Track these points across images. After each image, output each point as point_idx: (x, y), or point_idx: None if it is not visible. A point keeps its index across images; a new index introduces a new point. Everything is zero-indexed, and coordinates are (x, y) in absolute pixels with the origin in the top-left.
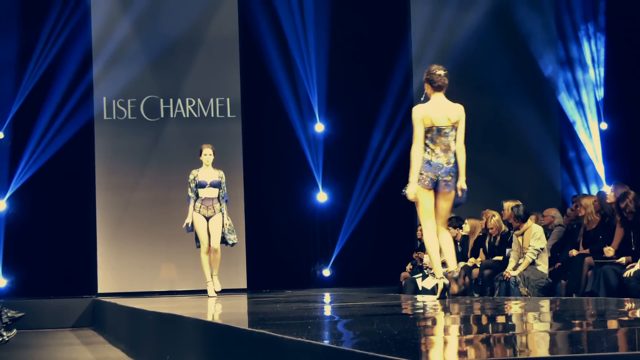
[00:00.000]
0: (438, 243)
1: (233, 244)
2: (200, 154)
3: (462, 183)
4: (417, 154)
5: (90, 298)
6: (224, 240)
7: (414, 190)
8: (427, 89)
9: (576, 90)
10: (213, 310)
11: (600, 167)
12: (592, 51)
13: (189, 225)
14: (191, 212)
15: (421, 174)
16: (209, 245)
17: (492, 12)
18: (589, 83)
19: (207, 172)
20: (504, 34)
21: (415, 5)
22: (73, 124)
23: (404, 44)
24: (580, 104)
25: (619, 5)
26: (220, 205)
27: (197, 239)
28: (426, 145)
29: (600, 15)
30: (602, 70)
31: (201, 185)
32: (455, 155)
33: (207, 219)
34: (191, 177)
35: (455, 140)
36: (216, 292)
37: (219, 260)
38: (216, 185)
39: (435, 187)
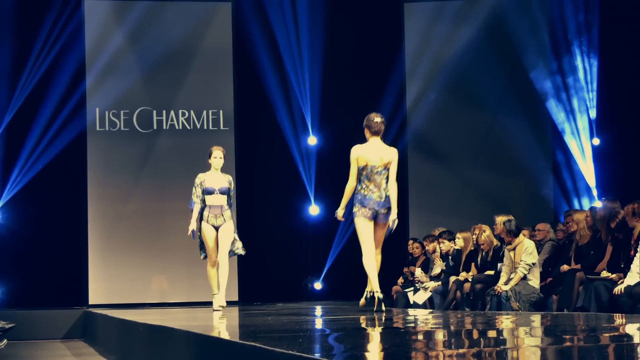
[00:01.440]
0: (375, 263)
1: (240, 254)
2: (210, 157)
3: (393, 215)
4: (349, 187)
5: (81, 309)
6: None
7: (341, 213)
8: (366, 133)
9: (569, 105)
10: (204, 322)
11: (592, 183)
12: (585, 67)
13: (195, 231)
14: (195, 218)
15: (364, 207)
16: (217, 258)
17: (486, 26)
18: (582, 99)
19: (215, 177)
20: (497, 48)
21: (409, 19)
22: (66, 135)
23: (398, 57)
24: (573, 120)
25: (611, 22)
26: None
27: (201, 248)
28: (362, 181)
29: (594, 31)
30: (595, 85)
31: (208, 191)
32: (387, 191)
33: (216, 228)
34: (197, 181)
35: (387, 178)
36: (221, 307)
37: (227, 272)
38: (225, 192)
39: (374, 218)
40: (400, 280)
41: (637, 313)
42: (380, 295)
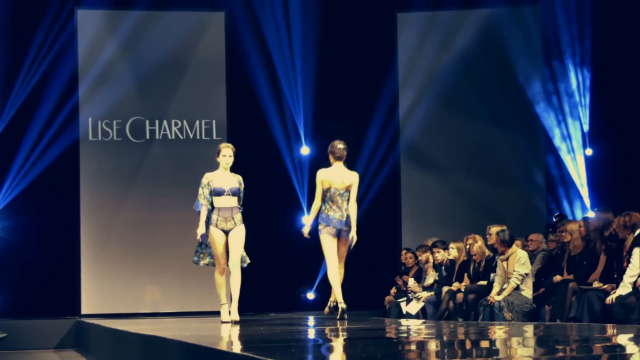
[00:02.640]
0: (338, 276)
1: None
2: (218, 155)
3: (352, 233)
4: (315, 207)
5: (74, 319)
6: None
7: (307, 230)
8: (331, 158)
9: (562, 116)
10: (197, 332)
11: (585, 193)
12: (578, 78)
13: (205, 236)
14: (203, 221)
15: (328, 225)
16: (226, 265)
17: (479, 37)
18: (575, 109)
19: (224, 176)
20: (490, 58)
21: (401, 29)
22: (58, 145)
23: (391, 68)
24: (566, 130)
25: (604, 34)
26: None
27: (197, 251)
28: (326, 202)
29: (586, 42)
30: (587, 96)
31: (217, 192)
32: (348, 211)
33: (226, 232)
34: (204, 181)
35: (348, 200)
36: (233, 321)
37: (239, 282)
38: (236, 192)
39: (338, 235)
40: (393, 290)
41: (629, 323)
42: (344, 306)
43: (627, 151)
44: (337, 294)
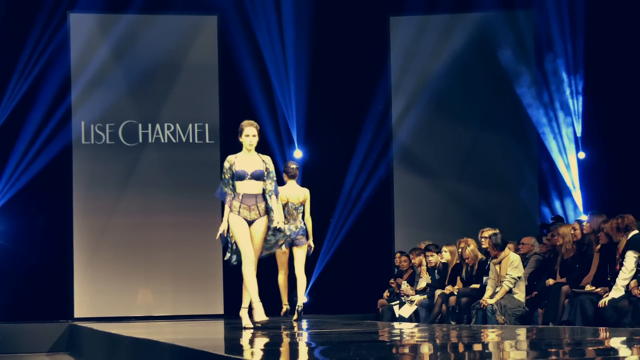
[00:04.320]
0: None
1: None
2: (240, 135)
3: (310, 242)
4: None
5: (67, 323)
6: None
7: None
8: (285, 177)
9: (555, 119)
10: (190, 336)
11: (578, 196)
12: (570, 82)
13: (224, 234)
14: (226, 215)
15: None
16: (254, 254)
17: (472, 40)
18: (568, 113)
19: (247, 158)
20: (483, 64)
21: (394, 32)
22: (51, 148)
23: (383, 72)
24: (558, 134)
25: (597, 37)
26: (267, 204)
27: (227, 249)
28: (284, 215)
29: (579, 46)
30: (580, 100)
31: (239, 176)
32: (302, 223)
33: (249, 223)
34: (226, 165)
35: (302, 213)
36: (258, 324)
37: (255, 279)
38: (260, 176)
39: (292, 244)
40: (386, 293)
41: (622, 327)
42: (288, 307)
43: (620, 154)
44: (284, 297)
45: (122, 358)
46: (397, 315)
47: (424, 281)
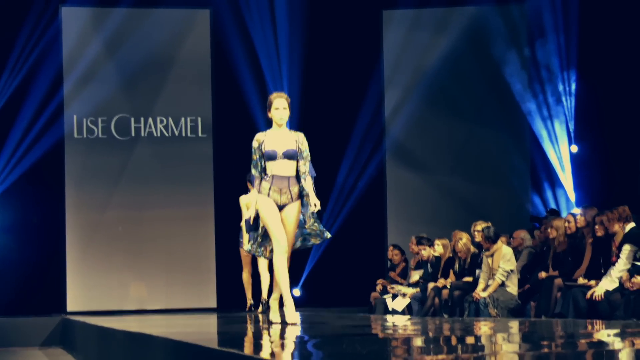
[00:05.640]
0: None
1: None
2: (269, 109)
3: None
4: (244, 226)
5: (60, 316)
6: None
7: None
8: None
9: (548, 113)
10: (183, 329)
11: (570, 190)
12: (564, 76)
13: (250, 221)
14: (254, 200)
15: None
16: (287, 242)
17: (466, 35)
18: (561, 107)
19: (278, 135)
20: (477, 58)
21: (387, 27)
22: (43, 143)
23: (377, 66)
24: (551, 127)
25: (590, 32)
26: (301, 186)
27: (251, 235)
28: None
29: (572, 41)
30: (573, 94)
31: (269, 156)
32: None
33: (280, 208)
34: (255, 144)
35: None
36: (291, 324)
37: (287, 269)
38: (292, 156)
39: None
40: (379, 286)
41: (614, 319)
42: (252, 302)
43: (612, 148)
44: (264, 291)
45: (115, 352)
46: (390, 309)
47: (416, 275)
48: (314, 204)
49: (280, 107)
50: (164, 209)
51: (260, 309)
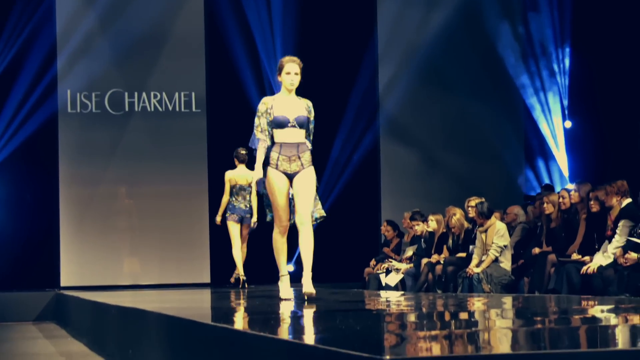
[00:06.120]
0: (240, 253)
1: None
2: (280, 73)
3: (254, 219)
4: (224, 200)
5: (53, 291)
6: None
7: (219, 219)
8: (236, 161)
9: (542, 89)
10: (177, 304)
11: (564, 165)
12: (557, 53)
13: (263, 183)
14: (260, 162)
15: (233, 213)
16: (288, 222)
17: (459, 11)
18: (554, 83)
19: (288, 101)
20: (471, 34)
21: (381, 4)
22: (37, 117)
23: (371, 42)
24: (545, 103)
25: (584, 9)
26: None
27: (268, 205)
28: (233, 195)
29: (566, 17)
30: (567, 67)
31: (279, 123)
32: (250, 202)
33: (290, 177)
34: (262, 108)
35: (250, 193)
36: (306, 297)
37: (311, 242)
38: (303, 123)
39: (241, 221)
40: (373, 262)
41: (608, 295)
42: (244, 278)
43: (606, 124)
44: (239, 269)
45: (108, 327)
46: (383, 284)
47: (410, 250)
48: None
49: (292, 71)
50: (158, 184)
51: (241, 284)
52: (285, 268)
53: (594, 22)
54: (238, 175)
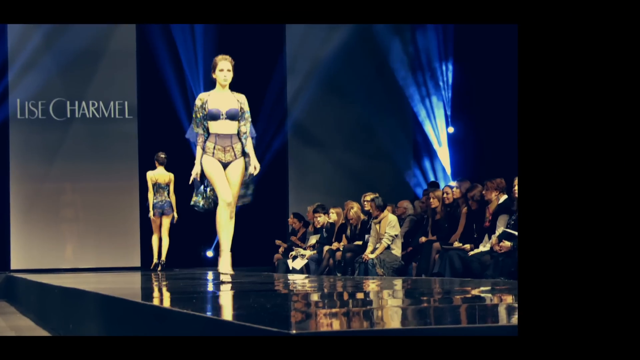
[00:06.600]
0: (158, 242)
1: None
2: (214, 70)
3: (175, 213)
4: (150, 196)
5: (4, 274)
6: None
7: (151, 214)
8: (156, 163)
9: (428, 97)
10: (110, 285)
11: (447, 165)
12: (442, 67)
13: (197, 179)
14: (199, 157)
15: (155, 208)
16: (231, 198)
17: (357, 31)
18: (439, 93)
19: (221, 96)
20: (366, 50)
21: (290, 25)
22: None
23: (280, 58)
24: (431, 110)
25: (465, 32)
26: (243, 145)
27: (196, 192)
28: (155, 192)
29: (450, 37)
30: (450, 80)
31: (213, 116)
32: (168, 198)
33: (225, 166)
34: (198, 103)
35: (168, 191)
36: (224, 275)
37: (231, 226)
38: (234, 115)
39: (161, 215)
40: (281, 249)
41: (485, 278)
42: (157, 261)
43: (483, 129)
44: (156, 255)
45: (52, 305)
46: (290, 268)
47: (313, 239)
48: (254, 166)
49: (224, 68)
50: (96, 180)
51: (159, 268)
52: (225, 244)
53: (473, 41)
54: (158, 174)
